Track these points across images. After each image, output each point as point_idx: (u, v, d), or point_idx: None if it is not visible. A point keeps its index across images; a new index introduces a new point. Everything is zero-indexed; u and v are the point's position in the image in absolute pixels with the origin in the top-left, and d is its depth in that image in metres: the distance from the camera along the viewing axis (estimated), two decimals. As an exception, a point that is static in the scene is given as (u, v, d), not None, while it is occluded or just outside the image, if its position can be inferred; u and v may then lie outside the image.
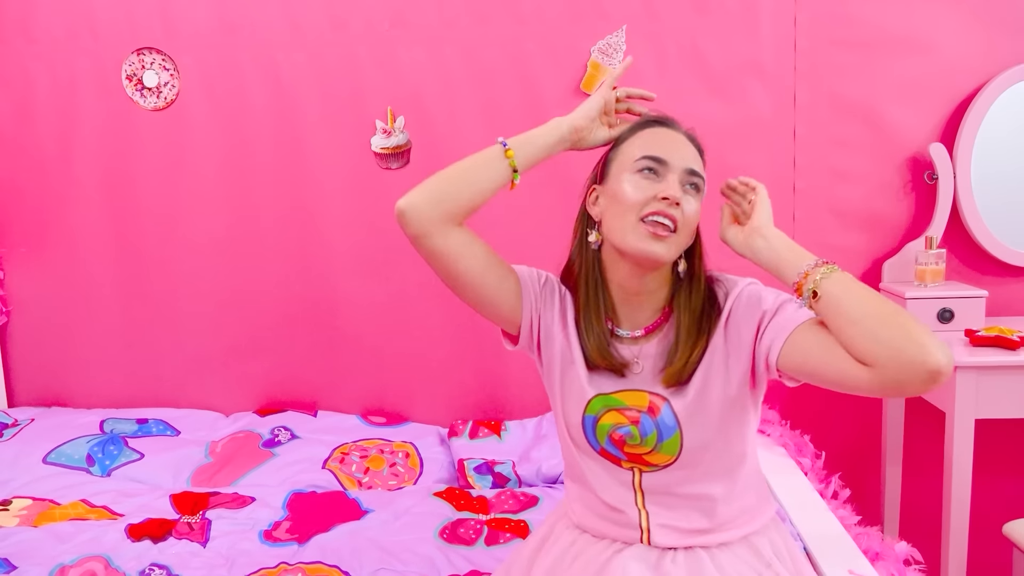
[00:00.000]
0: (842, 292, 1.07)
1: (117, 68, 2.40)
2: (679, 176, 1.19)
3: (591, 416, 1.25)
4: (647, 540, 1.25)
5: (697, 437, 1.21)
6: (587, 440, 1.26)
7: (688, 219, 1.18)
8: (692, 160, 1.21)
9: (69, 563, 1.65)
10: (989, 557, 2.27)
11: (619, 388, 1.24)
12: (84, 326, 2.50)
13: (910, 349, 0.99)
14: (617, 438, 1.23)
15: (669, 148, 1.20)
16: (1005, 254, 2.35)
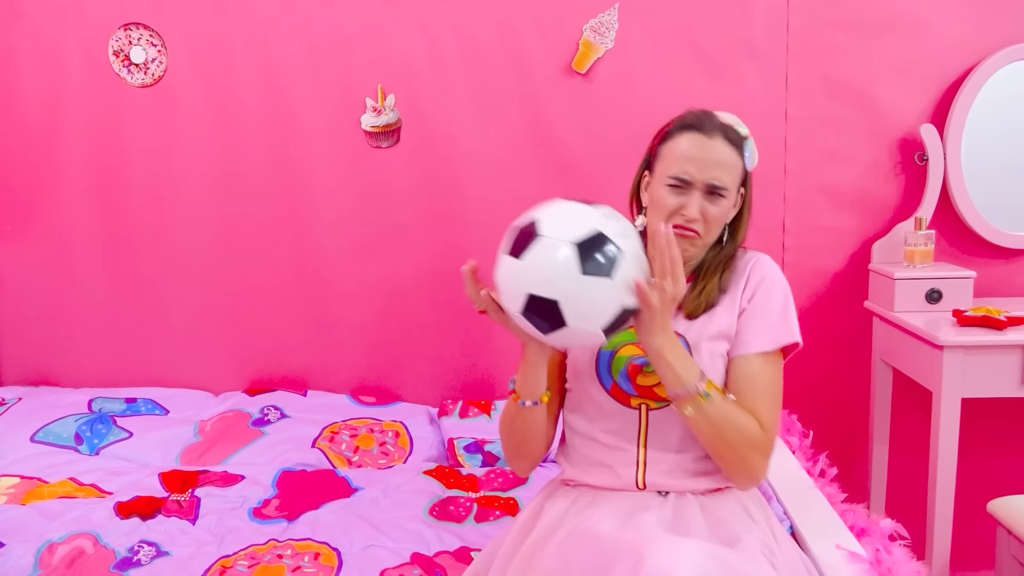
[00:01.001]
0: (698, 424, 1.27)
1: (104, 44, 2.37)
2: (703, 190, 1.32)
3: (607, 352, 1.36)
4: (642, 479, 1.33)
5: (706, 362, 1.32)
6: (599, 378, 1.36)
7: (713, 220, 1.34)
8: (717, 172, 1.32)
9: (57, 540, 1.65)
10: (973, 534, 2.29)
11: None
12: (72, 304, 2.48)
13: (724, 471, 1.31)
14: (632, 368, 1.33)
15: (696, 165, 1.32)
16: (994, 235, 2.36)
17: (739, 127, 1.37)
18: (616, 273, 1.15)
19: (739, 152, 1.35)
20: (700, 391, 1.23)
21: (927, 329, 2.07)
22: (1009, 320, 2.04)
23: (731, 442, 1.26)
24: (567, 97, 2.34)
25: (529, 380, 1.31)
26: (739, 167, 1.36)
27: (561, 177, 2.36)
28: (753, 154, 1.39)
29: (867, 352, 2.44)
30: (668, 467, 1.33)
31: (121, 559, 1.60)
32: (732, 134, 1.35)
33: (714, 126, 1.34)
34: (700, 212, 1.32)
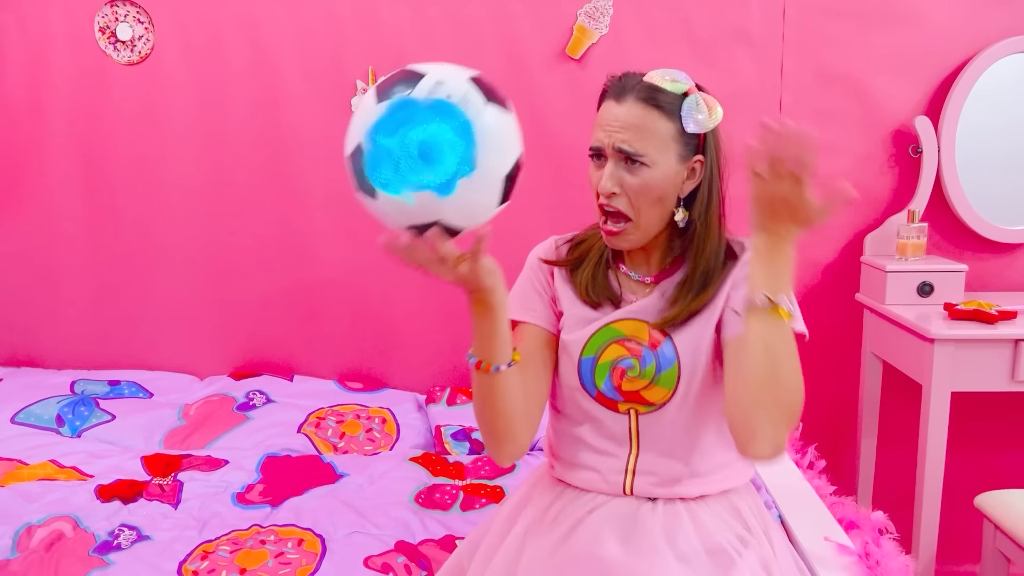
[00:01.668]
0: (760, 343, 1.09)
1: (90, 20, 2.33)
2: (615, 158, 1.20)
3: (589, 358, 1.26)
4: (630, 486, 1.26)
5: (692, 369, 1.23)
6: (583, 385, 1.27)
7: (636, 192, 1.19)
8: (625, 135, 1.18)
9: (36, 523, 1.62)
10: (960, 528, 2.30)
11: (618, 317, 1.27)
12: (56, 285, 2.45)
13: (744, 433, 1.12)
14: (618, 373, 1.25)
15: (603, 130, 1.20)
16: (986, 229, 2.35)
17: (668, 84, 1.19)
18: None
19: (665, 113, 1.18)
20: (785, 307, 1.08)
21: (918, 322, 2.06)
22: (1000, 314, 2.03)
23: (782, 384, 1.08)
24: (561, 82, 2.32)
25: (489, 340, 1.13)
26: (666, 131, 1.18)
27: (554, 163, 2.33)
28: (700, 113, 1.19)
29: (857, 344, 2.43)
30: (658, 476, 1.26)
31: (101, 543, 1.58)
32: (653, 93, 1.19)
33: (626, 88, 1.20)
34: (618, 183, 1.19)
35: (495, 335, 1.13)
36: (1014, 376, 2.02)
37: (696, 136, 1.21)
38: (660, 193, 1.20)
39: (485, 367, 1.14)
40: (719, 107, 1.21)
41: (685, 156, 1.21)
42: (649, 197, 1.20)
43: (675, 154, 1.20)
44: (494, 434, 1.21)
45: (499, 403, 1.17)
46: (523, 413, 1.21)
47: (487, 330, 1.13)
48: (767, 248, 1.09)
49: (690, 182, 1.23)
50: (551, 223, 2.32)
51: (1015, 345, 2.01)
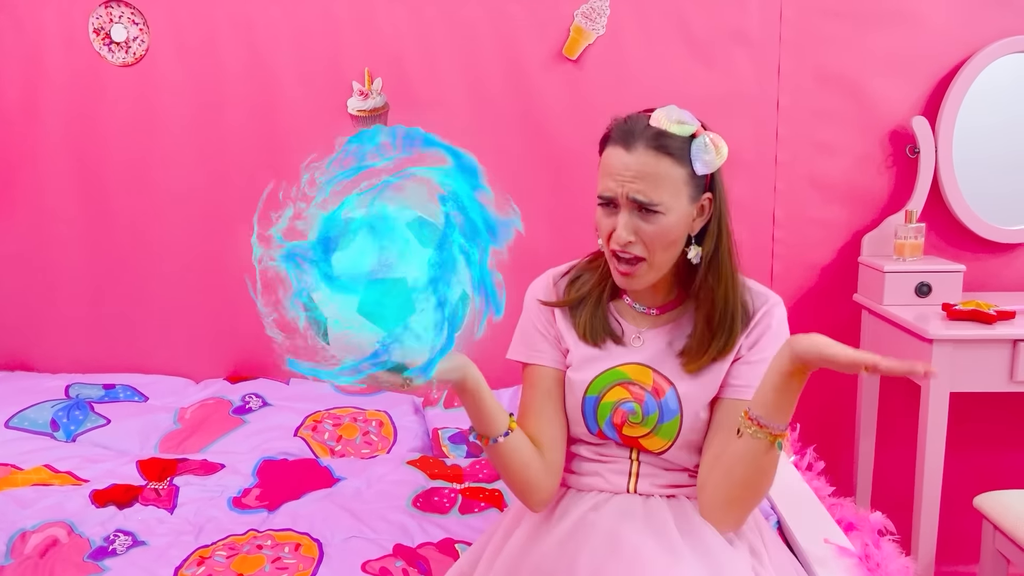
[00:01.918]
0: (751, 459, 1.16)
1: (84, 21, 2.32)
2: (628, 208, 1.20)
3: (593, 397, 1.29)
4: (634, 487, 1.30)
5: (694, 420, 1.26)
6: (585, 424, 1.30)
7: (652, 239, 1.20)
8: (639, 186, 1.18)
9: (30, 528, 1.61)
10: (959, 529, 2.29)
11: (623, 361, 1.29)
12: (50, 288, 2.43)
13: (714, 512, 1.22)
14: (619, 415, 1.27)
15: (615, 179, 1.20)
16: (983, 229, 2.35)
17: (675, 128, 1.19)
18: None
19: (676, 159, 1.19)
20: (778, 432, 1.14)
21: (916, 323, 2.05)
22: (999, 314, 2.03)
23: (757, 492, 1.20)
24: (557, 83, 2.31)
25: (480, 419, 1.22)
26: (678, 176, 1.19)
27: (550, 165, 2.33)
28: (707, 154, 1.19)
29: (855, 345, 2.39)
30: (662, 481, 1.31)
31: (96, 548, 1.56)
32: (662, 140, 1.18)
33: (635, 135, 1.19)
34: (633, 232, 1.19)
35: (481, 414, 1.21)
36: (1013, 376, 2.02)
37: (704, 176, 1.22)
38: (675, 237, 1.22)
39: (484, 441, 1.23)
40: (724, 144, 1.21)
41: (695, 197, 1.22)
42: (664, 241, 1.21)
43: (687, 197, 1.21)
44: (518, 490, 1.28)
45: (511, 466, 1.25)
46: (539, 464, 1.28)
47: (472, 411, 1.21)
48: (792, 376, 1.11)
49: (700, 220, 1.24)
50: (549, 225, 2.32)
51: (1014, 345, 2.00)
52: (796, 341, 1.10)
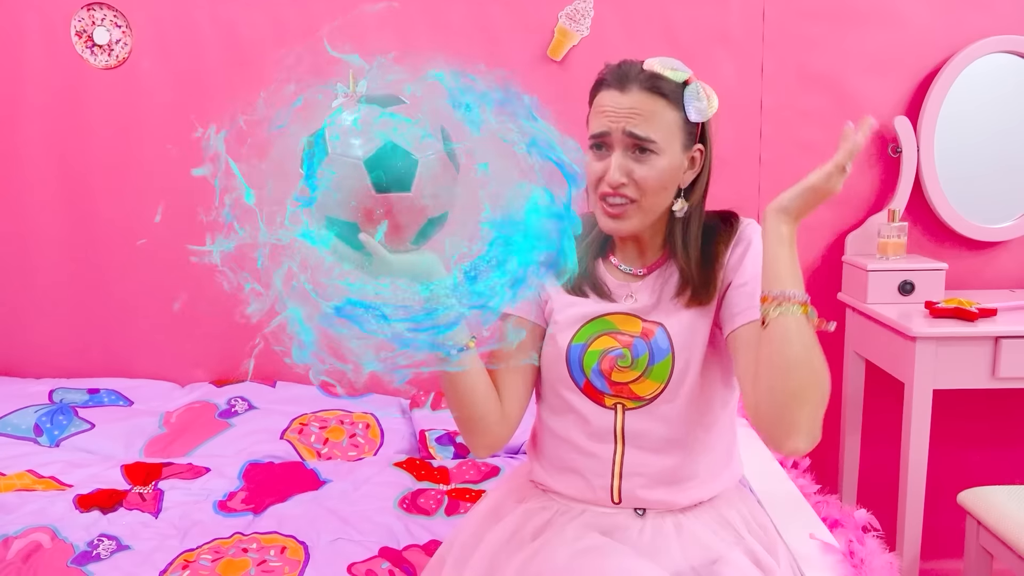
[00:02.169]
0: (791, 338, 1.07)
1: (66, 24, 2.30)
2: (622, 146, 1.17)
3: (579, 344, 1.24)
4: (618, 491, 1.23)
5: (687, 359, 1.21)
6: (570, 374, 1.25)
7: (645, 183, 1.17)
8: (636, 121, 1.16)
9: (13, 534, 1.59)
10: (944, 525, 2.31)
11: (612, 310, 1.25)
12: (34, 292, 2.42)
13: (781, 426, 1.07)
14: (607, 362, 1.22)
15: (611, 117, 1.17)
16: (965, 228, 2.37)
17: (670, 72, 1.17)
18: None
19: (670, 101, 1.17)
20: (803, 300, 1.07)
21: (900, 321, 2.07)
22: (980, 312, 2.05)
23: (817, 378, 1.07)
24: (542, 85, 2.28)
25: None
26: (672, 119, 1.17)
27: (535, 166, 2.33)
28: (700, 101, 1.18)
29: (840, 343, 2.44)
30: (647, 476, 1.22)
31: (80, 553, 1.55)
32: (657, 83, 1.16)
33: (630, 77, 1.17)
34: (625, 174, 1.17)
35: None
36: (995, 373, 2.04)
37: (695, 125, 1.20)
38: (667, 182, 1.19)
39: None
40: (715, 96, 1.20)
41: (687, 145, 1.20)
42: (657, 185, 1.18)
43: (679, 143, 1.19)
44: (462, 424, 1.23)
45: (460, 391, 1.19)
46: (494, 406, 1.22)
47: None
48: (790, 238, 1.10)
49: (690, 172, 1.22)
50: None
51: (995, 342, 2.02)
52: (780, 197, 1.10)
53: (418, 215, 1.06)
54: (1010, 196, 2.37)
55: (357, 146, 1.04)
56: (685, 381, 1.21)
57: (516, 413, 1.26)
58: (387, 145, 1.04)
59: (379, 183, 1.03)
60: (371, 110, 1.08)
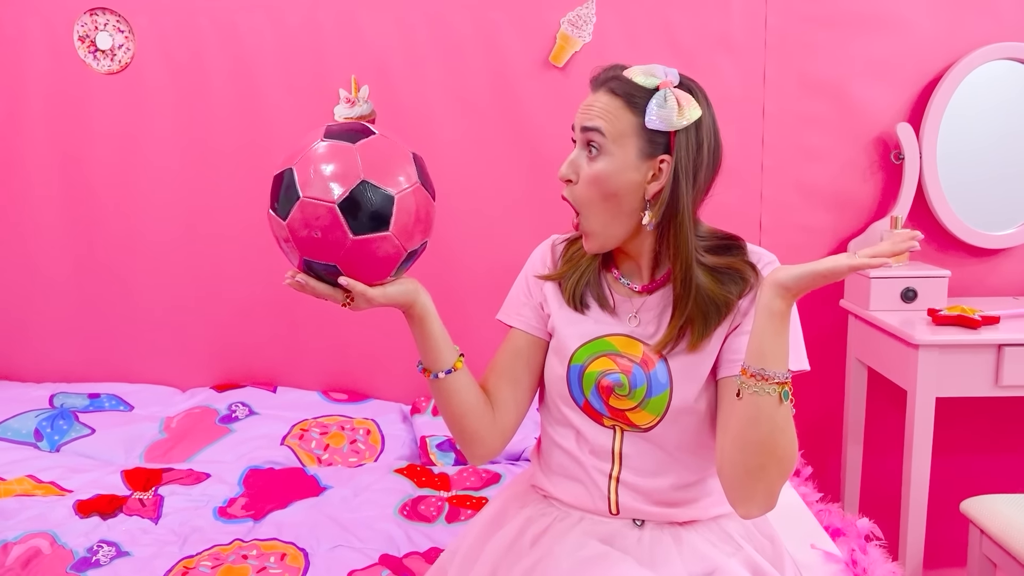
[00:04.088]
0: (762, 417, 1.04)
1: (69, 29, 2.31)
2: (580, 141, 1.17)
3: (578, 365, 1.23)
4: (615, 504, 1.22)
5: (685, 397, 1.18)
6: (571, 393, 1.24)
7: (587, 179, 1.15)
8: (592, 116, 1.15)
9: (12, 540, 1.59)
10: (946, 534, 2.30)
11: (613, 331, 1.22)
12: (34, 296, 2.41)
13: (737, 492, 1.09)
14: (605, 385, 1.20)
15: (577, 114, 1.18)
16: (968, 235, 2.36)
17: (640, 77, 1.14)
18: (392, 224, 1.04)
19: (629, 105, 1.13)
20: (782, 380, 1.03)
21: (902, 328, 2.06)
22: (983, 319, 2.04)
23: (779, 454, 1.05)
24: (544, 91, 2.31)
25: (425, 349, 1.18)
26: (627, 123, 1.13)
27: (537, 172, 2.33)
28: (663, 108, 1.11)
29: (842, 351, 2.44)
30: (644, 495, 1.21)
31: (79, 559, 1.55)
32: (623, 86, 1.14)
33: (601, 79, 1.18)
34: (574, 171, 1.16)
35: (428, 345, 1.18)
36: (998, 381, 2.03)
37: (661, 134, 1.13)
38: (613, 188, 1.14)
39: (426, 374, 1.20)
40: (695, 107, 1.13)
41: (648, 152, 1.14)
42: (600, 189, 1.15)
43: (635, 148, 1.14)
44: (456, 434, 1.26)
45: (451, 407, 1.22)
46: (487, 420, 1.24)
47: (419, 340, 1.19)
48: (784, 314, 1.04)
49: (655, 183, 1.15)
50: (532, 233, 2.30)
51: (998, 350, 2.01)
52: (781, 273, 1.03)
53: (397, 251, 1.06)
54: (1013, 203, 2.37)
55: (329, 188, 1.02)
56: (682, 416, 1.20)
57: (511, 425, 1.27)
58: (361, 184, 1.02)
59: (355, 225, 1.02)
60: (341, 145, 1.05)
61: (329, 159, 1.04)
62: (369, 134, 1.08)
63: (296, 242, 1.05)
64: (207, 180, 2.35)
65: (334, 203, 1.01)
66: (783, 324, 1.04)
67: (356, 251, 1.04)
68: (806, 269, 1.02)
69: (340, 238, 1.02)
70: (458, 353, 1.21)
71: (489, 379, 1.29)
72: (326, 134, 1.07)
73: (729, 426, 1.10)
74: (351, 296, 1.10)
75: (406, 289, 1.14)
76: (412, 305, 1.15)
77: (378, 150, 1.06)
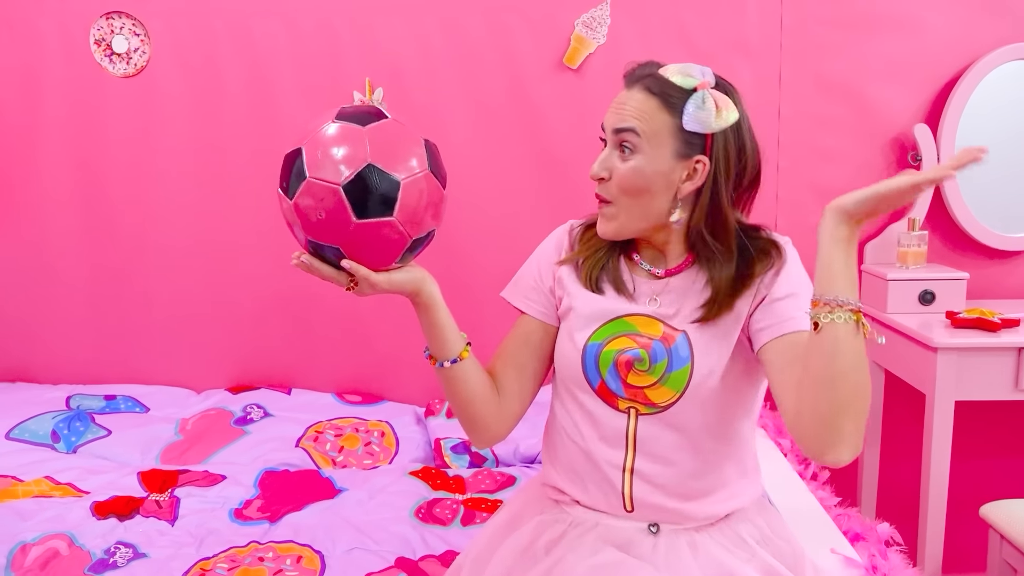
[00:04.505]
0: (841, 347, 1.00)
1: (85, 32, 2.32)
2: (612, 142, 1.17)
3: (595, 344, 1.20)
4: (629, 500, 1.20)
5: (706, 372, 1.16)
6: (585, 374, 1.21)
7: (622, 179, 1.15)
8: (625, 117, 1.14)
9: (31, 541, 1.60)
10: (965, 538, 2.28)
11: (633, 312, 1.21)
12: (51, 299, 2.43)
13: (826, 437, 1.02)
14: (624, 361, 1.18)
15: (609, 113, 1.18)
16: (987, 237, 2.34)
17: (677, 77, 1.13)
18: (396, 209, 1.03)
19: (666, 105, 1.13)
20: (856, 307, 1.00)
21: (920, 331, 2.05)
22: (1003, 322, 2.02)
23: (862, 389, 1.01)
24: (558, 93, 2.31)
25: (432, 338, 1.18)
26: (663, 123, 1.13)
27: (551, 174, 2.32)
28: (701, 110, 1.11)
29: (859, 354, 2.42)
30: (658, 486, 1.18)
31: (97, 561, 1.55)
32: (660, 86, 1.13)
33: (637, 76, 1.17)
34: (607, 169, 1.16)
35: (434, 333, 1.18)
36: (1018, 385, 2.01)
37: (697, 135, 1.13)
38: (645, 185, 1.14)
39: (432, 361, 1.20)
40: (733, 109, 1.13)
41: (683, 153, 1.14)
42: (633, 186, 1.14)
43: (670, 149, 1.13)
44: (461, 420, 1.26)
45: (457, 394, 1.22)
46: (491, 404, 1.24)
47: (426, 328, 1.18)
48: (849, 240, 1.02)
49: (690, 183, 1.15)
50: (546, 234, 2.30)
51: (1019, 353, 1.99)
52: (844, 199, 1.01)
53: (402, 237, 1.05)
54: (1032, 204, 2.35)
55: (336, 170, 1.02)
56: (702, 392, 1.17)
57: (516, 411, 1.28)
58: (367, 168, 1.02)
59: (359, 209, 1.02)
60: (351, 128, 1.05)
61: (338, 141, 1.04)
62: (381, 117, 1.08)
63: (302, 222, 1.05)
64: (222, 182, 2.36)
65: (339, 185, 1.01)
66: (850, 250, 1.02)
67: (360, 235, 1.03)
68: (868, 191, 1.00)
69: (344, 221, 1.02)
70: (465, 341, 1.20)
71: (496, 365, 1.28)
72: (338, 115, 1.08)
73: (805, 375, 1.05)
74: (355, 280, 1.10)
75: (412, 277, 1.13)
76: (418, 293, 1.15)
77: (388, 134, 1.06)
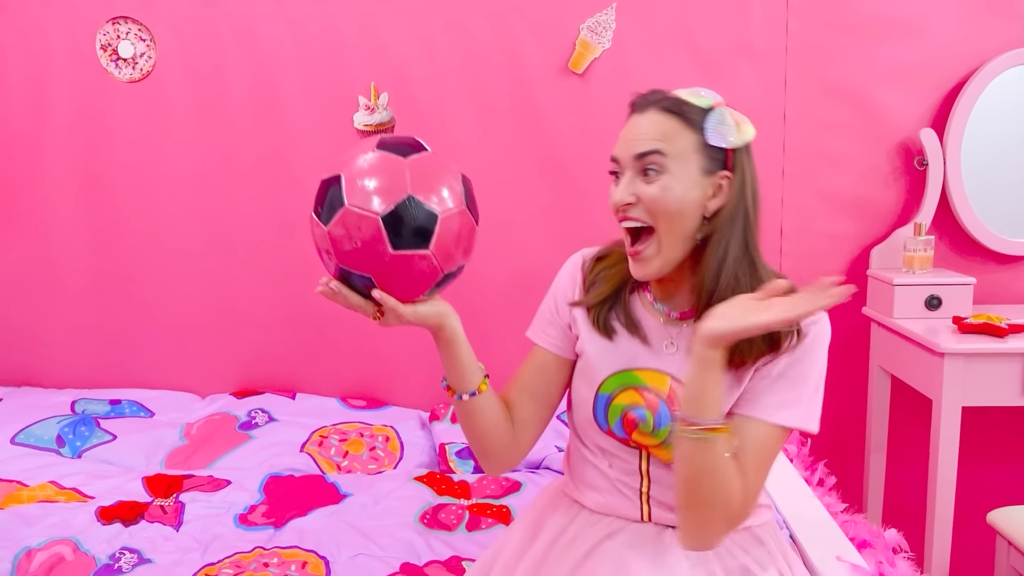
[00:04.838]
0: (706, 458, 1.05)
1: (91, 37, 2.33)
2: (632, 168, 1.13)
3: (604, 395, 1.21)
4: (647, 515, 1.23)
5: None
6: (595, 420, 1.23)
7: (654, 204, 1.11)
8: (644, 140, 1.12)
9: (36, 546, 1.60)
10: (972, 545, 2.26)
11: (642, 365, 1.20)
12: (56, 303, 2.43)
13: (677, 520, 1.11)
14: (629, 420, 1.19)
15: (622, 143, 1.15)
16: (993, 242, 2.33)
17: (692, 98, 1.13)
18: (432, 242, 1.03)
19: (686, 122, 1.12)
20: (709, 426, 1.04)
21: (927, 336, 2.04)
22: (1010, 327, 2.01)
23: (704, 498, 1.07)
24: (563, 97, 2.31)
25: (452, 371, 1.17)
26: (687, 140, 1.11)
27: (556, 179, 2.32)
28: (723, 125, 1.11)
29: (865, 359, 2.41)
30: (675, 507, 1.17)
31: (102, 566, 1.55)
32: (677, 105, 1.13)
33: (649, 101, 1.15)
34: (632, 193, 1.12)
35: (455, 366, 1.17)
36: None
37: (723, 151, 1.13)
38: (677, 206, 1.11)
39: (451, 393, 1.20)
40: (750, 126, 1.14)
41: (709, 169, 1.12)
42: (667, 208, 1.11)
43: (696, 166, 1.12)
44: (475, 448, 1.27)
45: (473, 426, 1.22)
46: (506, 435, 1.24)
47: (446, 361, 1.18)
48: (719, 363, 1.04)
49: (716, 200, 1.13)
50: (551, 240, 2.31)
51: (1026, 359, 1.98)
52: (712, 330, 1.02)
53: (434, 271, 1.05)
54: (1039, 209, 2.34)
55: (376, 200, 1.02)
56: None
57: (529, 440, 1.28)
58: (407, 200, 1.02)
59: (396, 240, 1.02)
60: (392, 158, 1.05)
61: (379, 171, 1.04)
62: (421, 150, 1.08)
63: (335, 250, 1.05)
64: (227, 187, 2.36)
65: (378, 215, 1.01)
66: (718, 371, 1.05)
67: (393, 266, 1.03)
68: (741, 324, 1.01)
69: (380, 251, 1.02)
70: (483, 374, 1.20)
71: (511, 392, 1.28)
72: (379, 145, 1.07)
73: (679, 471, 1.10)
74: (382, 310, 1.09)
75: (437, 311, 1.13)
76: (441, 328, 1.14)
77: (428, 167, 1.06)
